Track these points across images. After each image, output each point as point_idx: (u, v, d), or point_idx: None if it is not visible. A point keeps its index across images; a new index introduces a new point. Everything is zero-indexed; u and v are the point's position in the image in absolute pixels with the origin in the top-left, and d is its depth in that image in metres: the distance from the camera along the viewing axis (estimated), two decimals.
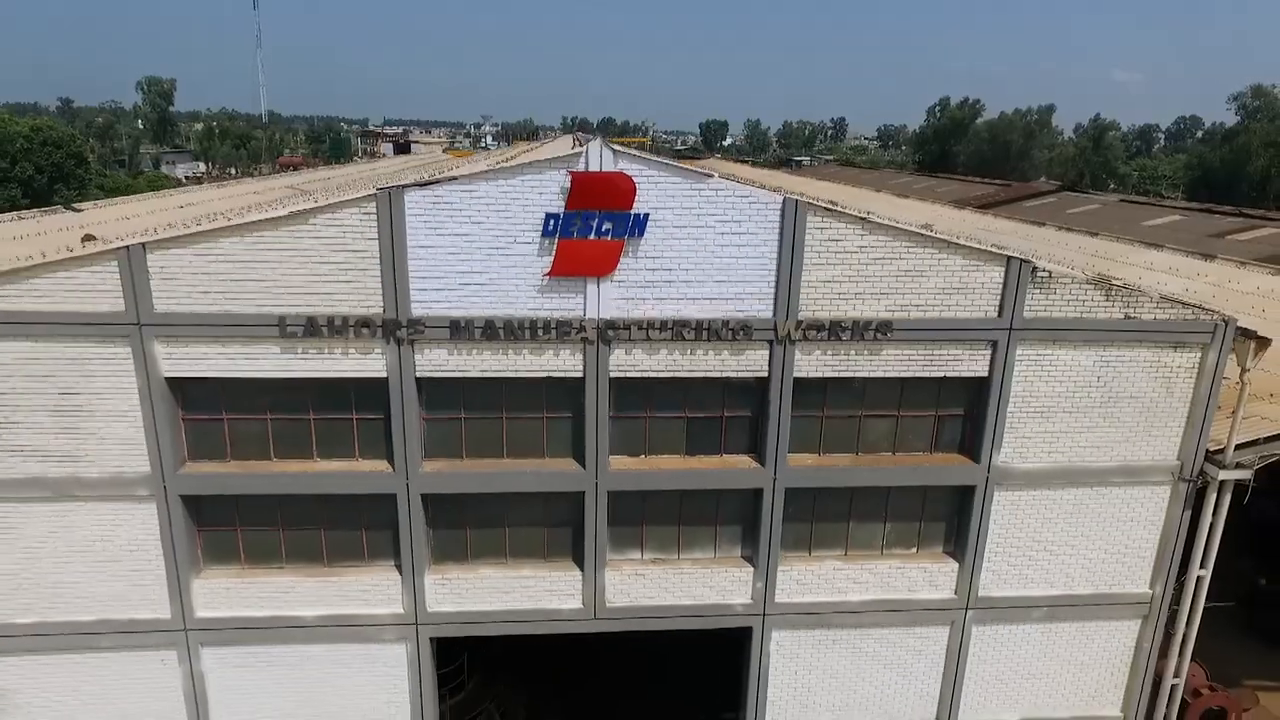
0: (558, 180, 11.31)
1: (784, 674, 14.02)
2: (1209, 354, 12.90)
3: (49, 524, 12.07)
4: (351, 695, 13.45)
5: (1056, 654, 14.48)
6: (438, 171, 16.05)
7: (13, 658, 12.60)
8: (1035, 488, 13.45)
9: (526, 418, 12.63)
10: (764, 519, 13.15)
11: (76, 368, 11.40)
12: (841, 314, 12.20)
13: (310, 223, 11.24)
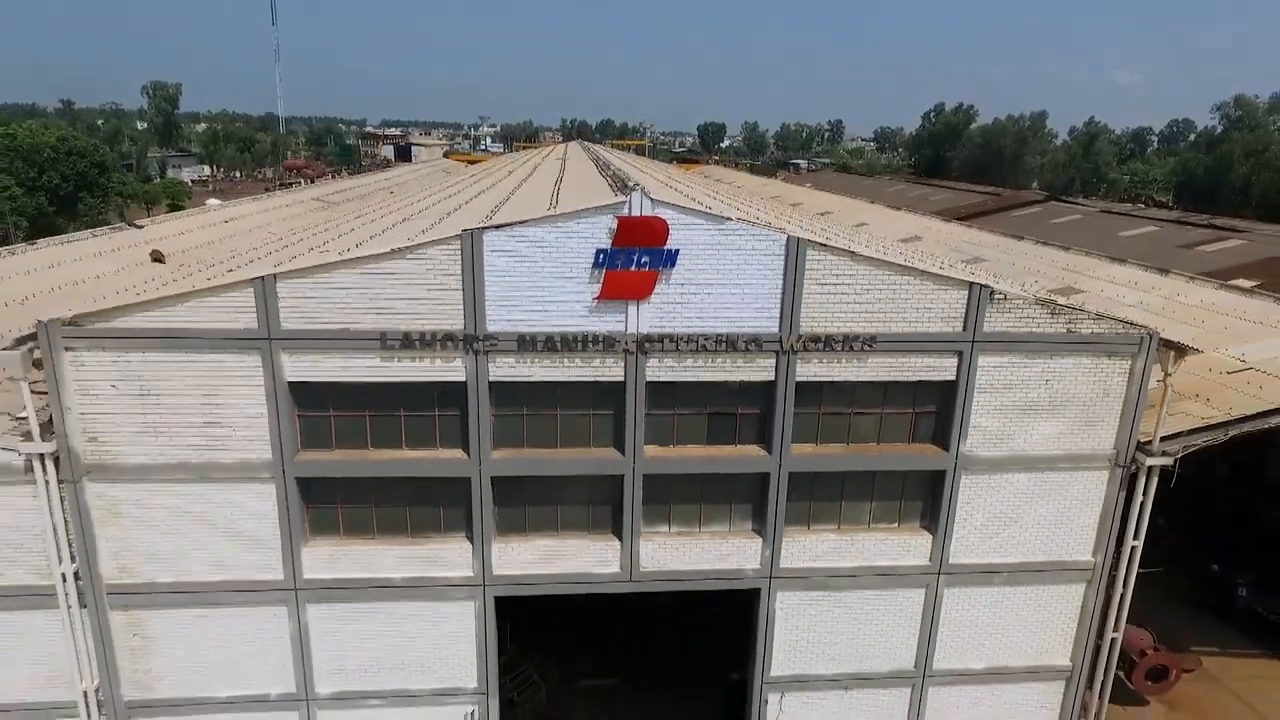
0: (606, 223, 14.06)
1: (786, 628, 16.79)
2: (1137, 361, 15.68)
3: (190, 500, 14.79)
4: (428, 644, 16.19)
5: (1015, 613, 17.27)
6: (450, 177, 18.78)
7: (156, 610, 15.33)
8: (995, 472, 16.22)
9: (576, 414, 15.38)
10: (771, 498, 15.92)
11: (218, 373, 14.14)
12: (835, 329, 14.96)
13: (407, 258, 13.96)
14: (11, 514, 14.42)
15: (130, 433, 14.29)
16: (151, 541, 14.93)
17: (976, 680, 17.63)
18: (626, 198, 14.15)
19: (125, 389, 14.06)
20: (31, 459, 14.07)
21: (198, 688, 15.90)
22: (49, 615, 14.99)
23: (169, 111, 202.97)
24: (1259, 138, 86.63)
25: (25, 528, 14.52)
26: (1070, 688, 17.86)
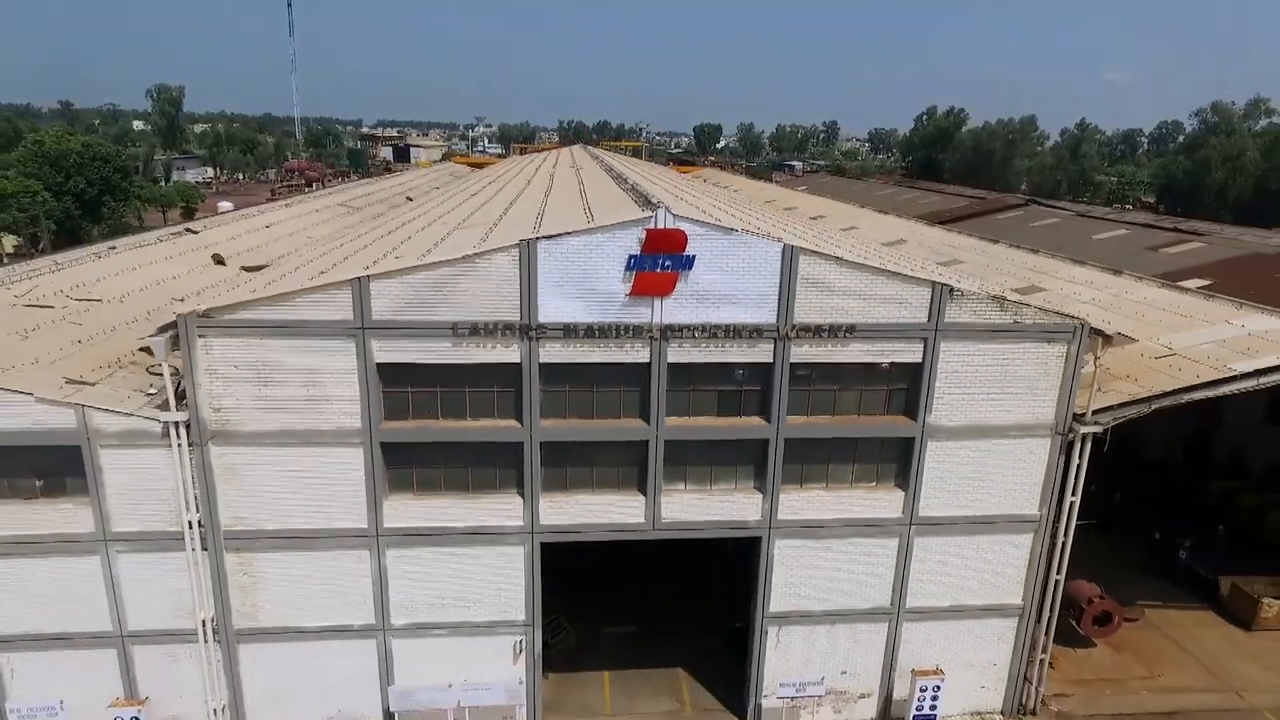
0: (636, 234, 17.31)
1: (782, 570, 20.07)
2: (1071, 346, 18.99)
3: (293, 461, 18.02)
4: (485, 584, 19.44)
5: (974, 558, 20.57)
6: (464, 182, 22.03)
7: (262, 553, 18.55)
8: (956, 439, 19.52)
9: (610, 390, 18.64)
10: (769, 460, 19.20)
11: (321, 357, 17.37)
12: (822, 320, 18.22)
13: (475, 263, 17.20)
14: (150, 472, 17.63)
15: (247, 405, 17.51)
16: (261, 495, 18.15)
17: (942, 616, 20.94)
18: (653, 213, 17.41)
19: (244, 369, 17.28)
20: (168, 426, 17.30)
21: (294, 619, 19.14)
22: (176, 556, 18.22)
23: (172, 114, 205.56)
24: (1235, 143, 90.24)
25: (160, 483, 17.74)
26: (1022, 623, 21.18)
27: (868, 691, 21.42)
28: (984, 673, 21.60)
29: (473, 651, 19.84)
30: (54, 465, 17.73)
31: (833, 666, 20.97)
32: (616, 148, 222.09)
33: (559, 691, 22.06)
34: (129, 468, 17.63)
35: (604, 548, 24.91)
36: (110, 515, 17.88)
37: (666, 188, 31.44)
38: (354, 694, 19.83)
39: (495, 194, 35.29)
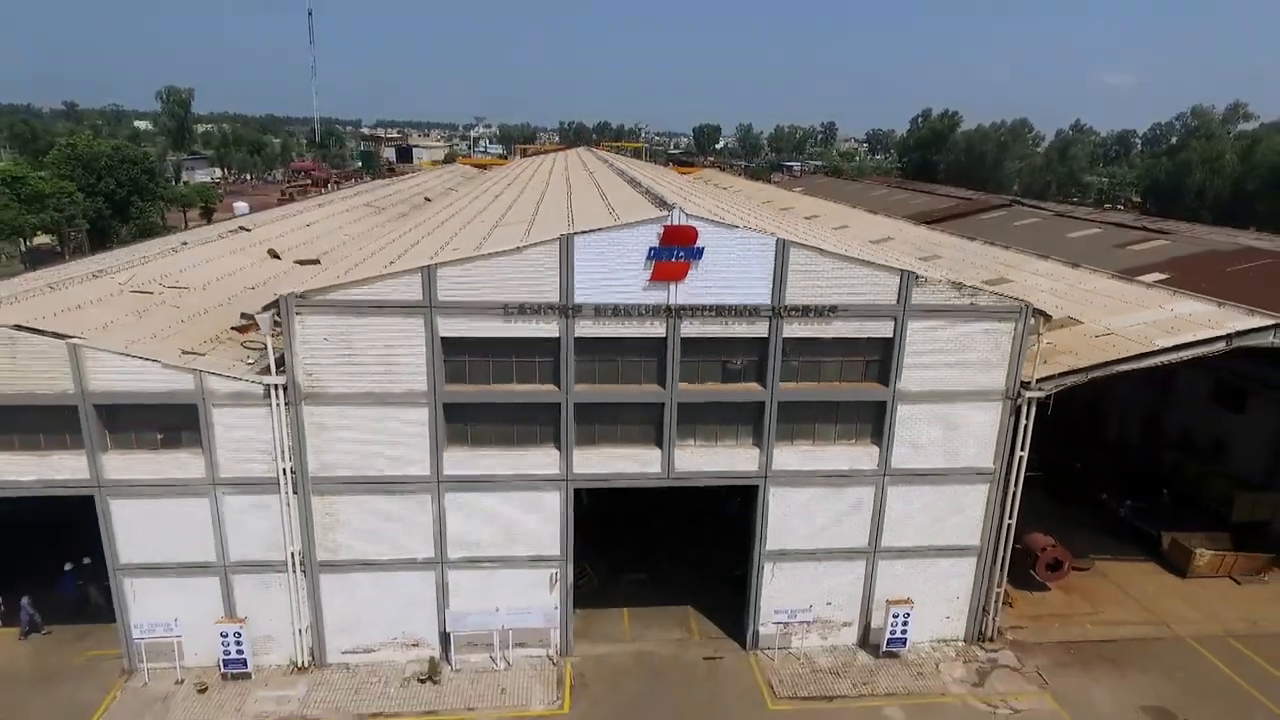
0: (655, 229, 20.99)
1: (776, 513, 23.77)
2: (1017, 325, 22.69)
3: (370, 418, 21.70)
4: (526, 524, 23.12)
5: (939, 505, 24.28)
6: (477, 184, 25.72)
7: (342, 496, 22.23)
8: (922, 403, 23.22)
9: (632, 360, 22.31)
10: (765, 420, 22.89)
11: (395, 331, 21.05)
12: (809, 301, 21.89)
13: (523, 254, 20.89)
14: (252, 427, 21.32)
15: (333, 371, 21.20)
16: (343, 447, 21.84)
17: (912, 555, 24.64)
18: (669, 212, 21.12)
19: (332, 340, 20.97)
20: (269, 388, 21.00)
21: (366, 553, 22.82)
22: (271, 499, 21.92)
23: (181, 116, 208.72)
24: (1213, 146, 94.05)
25: (260, 436, 21.43)
26: (980, 562, 24.89)
27: (849, 620, 25.14)
28: (948, 605, 25.31)
29: (515, 582, 23.55)
30: (173, 422, 21.42)
31: (819, 598, 24.69)
32: (617, 148, 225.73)
33: (585, 624, 25.72)
34: (235, 424, 21.33)
35: (621, 512, 28.72)
36: (218, 464, 21.58)
37: (674, 190, 35.12)
38: (415, 618, 23.54)
39: (519, 194, 39.02)
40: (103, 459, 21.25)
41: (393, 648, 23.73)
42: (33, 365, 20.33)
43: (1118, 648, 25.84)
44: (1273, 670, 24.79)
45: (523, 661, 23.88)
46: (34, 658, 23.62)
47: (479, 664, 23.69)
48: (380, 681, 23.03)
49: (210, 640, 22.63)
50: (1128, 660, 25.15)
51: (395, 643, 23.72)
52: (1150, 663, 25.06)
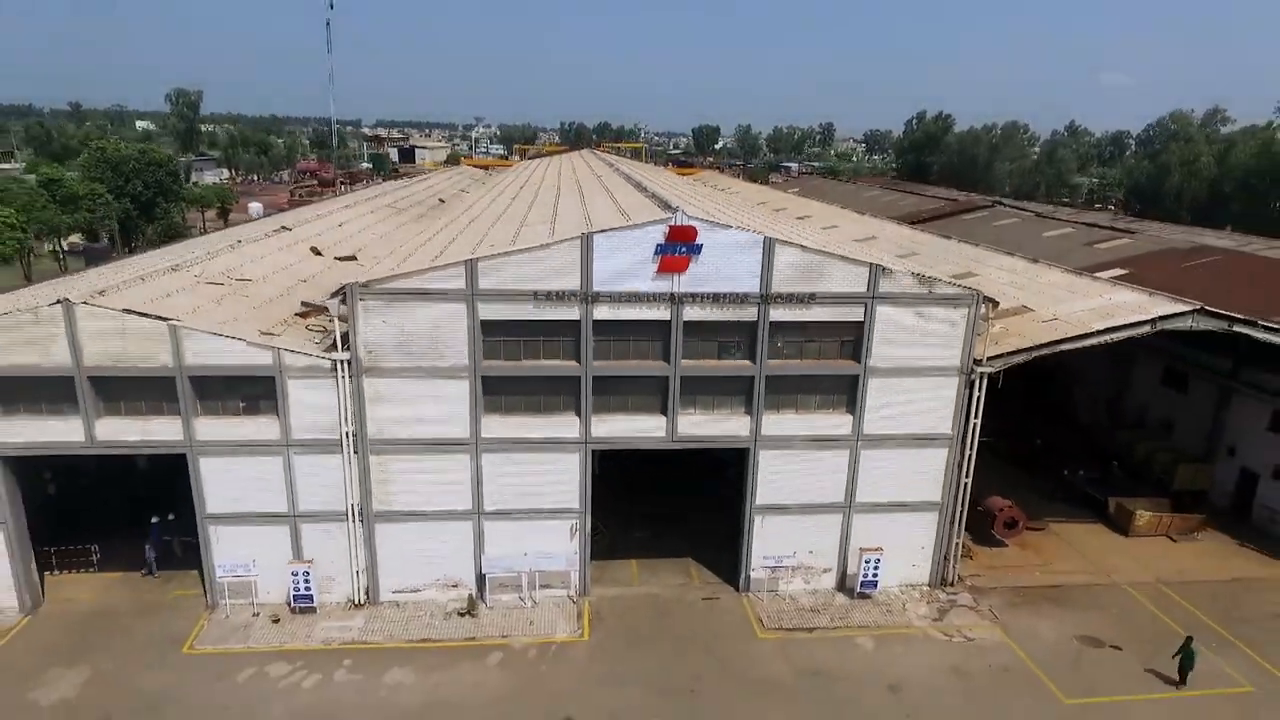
0: (661, 229, 24.87)
1: (765, 474, 27.66)
2: (970, 310, 26.58)
3: (420, 389, 25.56)
4: (551, 481, 26.98)
5: (905, 466, 28.17)
6: (489, 187, 29.58)
7: (395, 456, 26.11)
8: (889, 377, 27.10)
9: (641, 340, 26.19)
10: (755, 392, 26.78)
11: (442, 315, 24.92)
12: (792, 290, 25.77)
13: (550, 250, 24.78)
14: (320, 396, 25.20)
15: (390, 348, 25.07)
16: (398, 413, 25.73)
17: (882, 510, 28.53)
18: (673, 214, 25.03)
19: (389, 322, 24.85)
20: (336, 363, 24.90)
21: (415, 504, 26.71)
22: (334, 458, 25.81)
23: (190, 118, 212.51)
24: (1191, 149, 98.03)
25: (327, 404, 25.31)
26: (941, 515, 28.80)
27: (829, 567, 29.05)
28: (914, 554, 29.21)
29: (541, 531, 27.46)
30: (253, 391, 25.32)
31: (802, 547, 28.61)
32: (617, 149, 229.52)
33: (600, 572, 29.57)
34: (305, 393, 25.22)
35: (631, 478, 32.50)
36: (291, 428, 25.47)
37: (676, 193, 38.98)
38: (455, 561, 27.44)
39: (535, 196, 42.93)
40: (194, 423, 25.14)
41: (435, 588, 27.64)
42: (139, 343, 24.21)
43: (1062, 592, 29.76)
44: (1192, 609, 28.73)
45: (547, 600, 27.80)
46: (131, 596, 27.52)
47: (509, 602, 27.61)
48: (426, 615, 26.95)
49: (281, 579, 26.55)
50: (1069, 601, 29.08)
51: (438, 583, 27.63)
52: (1088, 603, 28.99)
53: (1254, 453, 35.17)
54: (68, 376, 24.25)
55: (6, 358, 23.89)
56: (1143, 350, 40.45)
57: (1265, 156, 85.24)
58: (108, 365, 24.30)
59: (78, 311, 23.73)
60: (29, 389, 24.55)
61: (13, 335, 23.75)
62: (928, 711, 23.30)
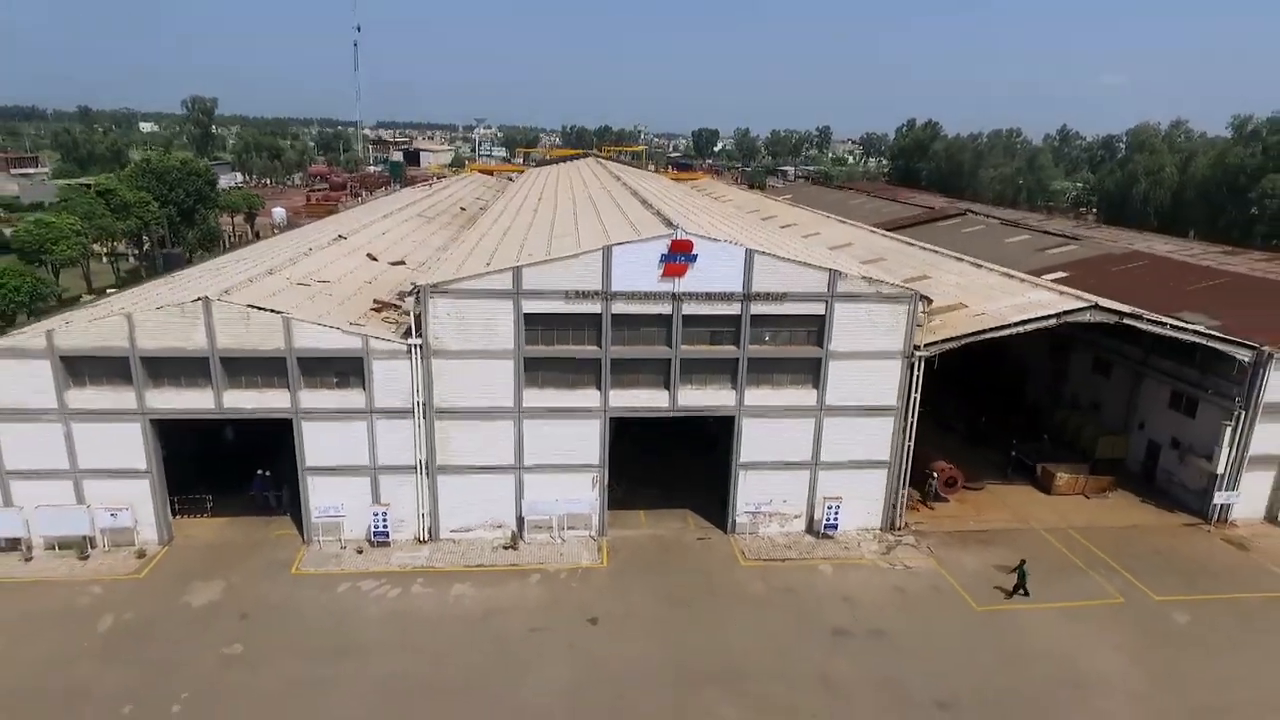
0: (665, 242, 31.86)
1: (748, 437, 34.63)
2: (910, 307, 33.56)
3: (476, 368, 32.52)
4: (577, 442, 33.93)
5: (860, 431, 35.14)
6: (508, 196, 36.54)
7: (455, 421, 33.06)
8: (846, 360, 34.06)
9: (649, 329, 33.15)
10: (739, 372, 33.75)
11: (494, 310, 31.89)
12: (769, 289, 32.75)
13: (578, 258, 31.77)
14: (397, 373, 32.15)
15: (453, 335, 32.03)
16: (457, 387, 32.68)
17: (842, 467, 35.48)
18: (674, 230, 32.00)
19: (452, 315, 31.80)
20: (410, 347, 31.85)
21: (470, 460, 33.65)
22: (406, 422, 32.75)
23: (206, 124, 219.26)
24: (1155, 159, 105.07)
25: (403, 380, 32.25)
26: (889, 471, 35.73)
27: (799, 513, 36.02)
28: (868, 503, 36.16)
29: (568, 482, 34.39)
30: (345, 370, 32.25)
31: (778, 496, 35.58)
32: (618, 152, 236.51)
33: (614, 519, 36.44)
34: (386, 371, 32.15)
35: (638, 451, 39.24)
36: (374, 398, 32.41)
37: (678, 208, 45.93)
38: (500, 507, 34.39)
39: (555, 211, 49.90)
40: (299, 394, 32.10)
41: (485, 528, 34.61)
42: (259, 331, 31.17)
43: (988, 535, 36.74)
44: (1091, 547, 35.69)
45: (573, 538, 34.77)
46: (241, 535, 34.47)
47: (543, 539, 34.58)
48: (478, 549, 33.92)
49: (363, 520, 33.51)
50: (993, 541, 36.05)
51: (486, 524, 34.60)
52: (1008, 543, 35.93)
53: (1158, 426, 42.15)
54: (203, 357, 31.22)
55: (158, 342, 30.88)
56: (1079, 342, 47.43)
57: (1219, 167, 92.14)
58: (234, 348, 31.26)
59: (214, 307, 30.71)
60: (173, 367, 31.53)
61: (164, 325, 30.74)
62: (871, 614, 30.26)
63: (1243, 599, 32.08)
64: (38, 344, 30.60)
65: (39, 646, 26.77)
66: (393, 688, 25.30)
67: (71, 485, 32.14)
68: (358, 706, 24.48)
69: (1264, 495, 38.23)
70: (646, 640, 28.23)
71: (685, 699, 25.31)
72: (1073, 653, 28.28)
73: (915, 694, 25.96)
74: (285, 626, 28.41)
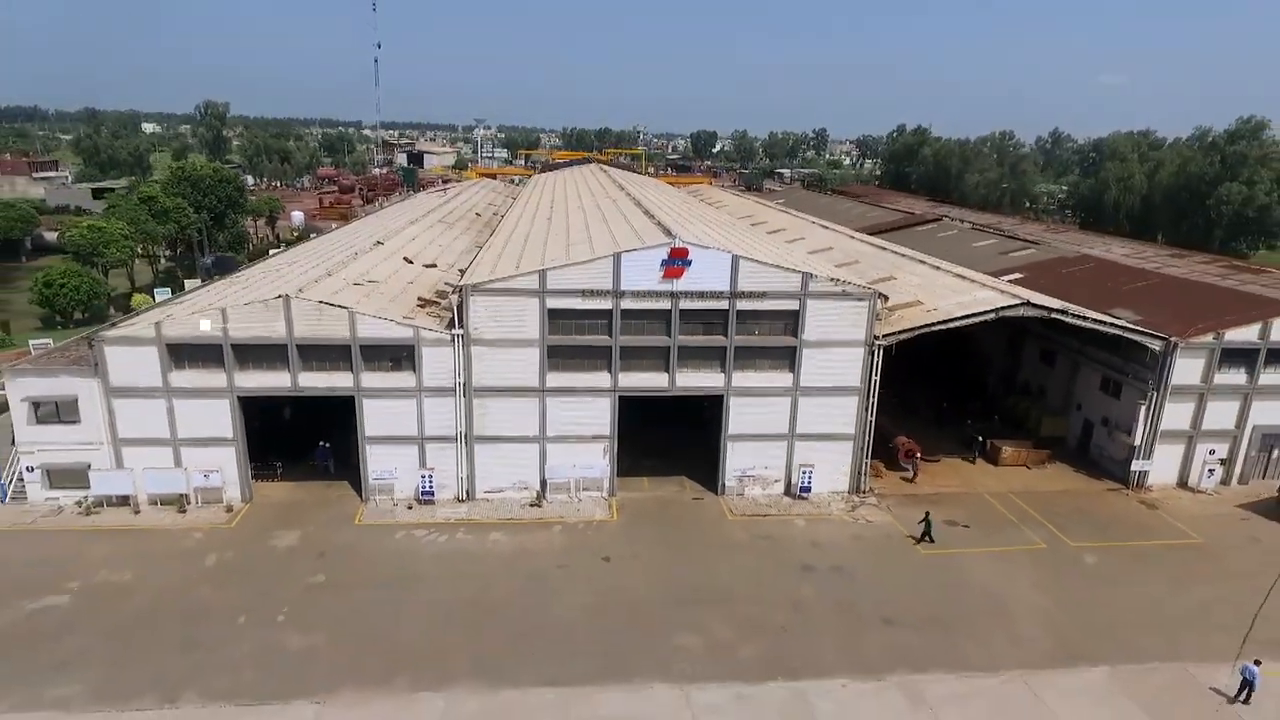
0: (665, 250, 38.38)
1: (734, 413, 41.15)
2: (871, 303, 40.10)
3: (507, 353, 39.01)
4: (591, 416, 40.44)
5: (830, 408, 41.67)
6: (523, 203, 43.02)
7: (489, 398, 39.56)
8: (817, 348, 40.58)
9: (652, 321, 39.65)
10: (727, 358, 40.27)
11: (523, 305, 38.40)
12: (751, 289, 39.25)
13: (593, 263, 38.29)
14: (442, 358, 38.65)
15: (488, 326, 38.54)
16: (492, 370, 39.19)
17: (814, 439, 41.99)
18: (673, 239, 38.54)
19: (488, 310, 38.31)
20: (453, 336, 38.37)
21: (502, 431, 40.16)
22: (449, 400, 39.25)
23: (218, 127, 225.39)
24: (1125, 167, 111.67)
25: (446, 364, 38.77)
26: (855, 442, 42.26)
27: (778, 478, 42.56)
28: (836, 469, 42.67)
29: (584, 451, 40.90)
30: (399, 355, 38.72)
31: (760, 464, 42.11)
32: (619, 154, 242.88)
33: (622, 483, 42.87)
34: (432, 356, 38.63)
35: (642, 429, 45.69)
36: (423, 379, 38.89)
37: (676, 218, 52.41)
38: (527, 471, 40.89)
39: (567, 219, 56.44)
40: (361, 375, 38.58)
41: (513, 489, 41.11)
42: (328, 323, 37.64)
43: (939, 497, 43.27)
44: (1026, 508, 42.22)
45: (587, 498, 41.28)
46: (308, 495, 40.96)
47: (563, 499, 41.08)
48: (508, 506, 40.42)
49: (412, 482, 40.03)
50: (943, 502, 42.56)
51: (514, 487, 41.10)
52: (956, 504, 42.48)
53: (1091, 407, 48.72)
54: (283, 344, 37.72)
55: (246, 331, 37.38)
56: (1031, 336, 54.01)
57: (1182, 175, 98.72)
58: (308, 336, 37.76)
59: (293, 303, 37.21)
60: (257, 352, 38.02)
61: (251, 317, 37.25)
62: (834, 555, 36.78)
63: (1143, 545, 38.67)
64: (148, 333, 37.12)
65: (162, 576, 33.27)
66: (450, 605, 31.83)
67: (171, 451, 38.63)
68: (424, 617, 30.98)
69: (1175, 464, 44.81)
70: (650, 574, 34.76)
71: (682, 614, 31.83)
72: (997, 585, 34.83)
73: (865, 613, 32.49)
74: (356, 563, 34.93)
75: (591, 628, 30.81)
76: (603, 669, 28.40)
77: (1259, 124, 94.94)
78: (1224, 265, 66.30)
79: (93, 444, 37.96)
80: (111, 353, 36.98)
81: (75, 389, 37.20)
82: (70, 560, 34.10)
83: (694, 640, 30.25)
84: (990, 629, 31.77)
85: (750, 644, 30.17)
